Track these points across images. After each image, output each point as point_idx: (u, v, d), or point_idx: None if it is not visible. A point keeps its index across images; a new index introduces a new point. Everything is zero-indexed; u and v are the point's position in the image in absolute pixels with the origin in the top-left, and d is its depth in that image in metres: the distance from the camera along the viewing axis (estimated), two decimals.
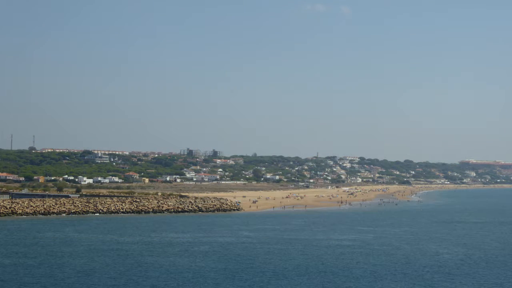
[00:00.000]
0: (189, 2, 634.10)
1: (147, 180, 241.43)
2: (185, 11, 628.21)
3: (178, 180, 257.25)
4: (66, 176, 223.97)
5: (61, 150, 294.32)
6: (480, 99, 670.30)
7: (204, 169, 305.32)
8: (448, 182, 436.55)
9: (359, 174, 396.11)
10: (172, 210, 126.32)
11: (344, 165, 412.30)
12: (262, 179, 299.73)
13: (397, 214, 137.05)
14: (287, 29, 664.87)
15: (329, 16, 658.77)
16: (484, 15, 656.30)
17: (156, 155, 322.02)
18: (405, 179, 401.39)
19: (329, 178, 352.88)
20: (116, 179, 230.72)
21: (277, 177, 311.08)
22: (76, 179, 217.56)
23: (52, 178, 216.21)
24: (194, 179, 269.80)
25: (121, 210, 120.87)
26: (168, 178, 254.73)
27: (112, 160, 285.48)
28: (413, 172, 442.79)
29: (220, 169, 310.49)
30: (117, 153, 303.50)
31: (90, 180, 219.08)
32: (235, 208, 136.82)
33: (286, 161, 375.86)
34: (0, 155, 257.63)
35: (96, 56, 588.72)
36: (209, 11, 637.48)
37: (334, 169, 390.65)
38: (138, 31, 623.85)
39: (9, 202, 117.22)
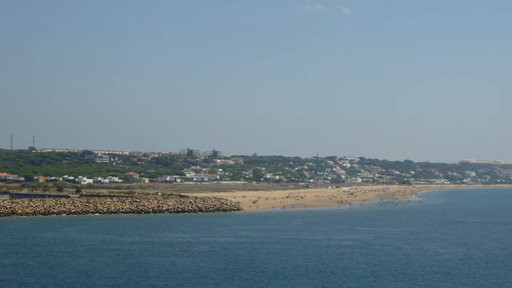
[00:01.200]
0: (190, 3, 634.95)
1: (147, 180, 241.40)
2: (185, 12, 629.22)
3: (178, 180, 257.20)
4: (66, 176, 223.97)
5: (61, 150, 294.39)
6: (480, 99, 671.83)
7: (204, 169, 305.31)
8: (448, 182, 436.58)
9: (359, 174, 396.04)
10: (172, 210, 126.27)
11: (344, 165, 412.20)
12: (262, 179, 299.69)
13: (397, 214, 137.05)
14: (287, 29, 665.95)
15: (329, 16, 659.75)
16: (484, 15, 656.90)
17: (156, 155, 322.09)
18: (405, 179, 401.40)
19: (329, 178, 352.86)
20: (116, 179, 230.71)
21: (277, 177, 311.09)
22: (76, 179, 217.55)
23: (52, 178, 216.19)
24: (194, 179, 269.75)
25: (121, 210, 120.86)
26: (168, 178, 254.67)
27: (112, 160, 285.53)
28: (413, 172, 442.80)
29: (220, 169, 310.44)
30: (117, 153, 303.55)
31: (90, 180, 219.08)
32: (235, 208, 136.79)
33: (286, 161, 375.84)
34: (0, 155, 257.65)
35: (96, 56, 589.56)
36: (209, 12, 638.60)
37: (334, 169, 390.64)
38: (138, 31, 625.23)
39: (9, 202, 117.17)
